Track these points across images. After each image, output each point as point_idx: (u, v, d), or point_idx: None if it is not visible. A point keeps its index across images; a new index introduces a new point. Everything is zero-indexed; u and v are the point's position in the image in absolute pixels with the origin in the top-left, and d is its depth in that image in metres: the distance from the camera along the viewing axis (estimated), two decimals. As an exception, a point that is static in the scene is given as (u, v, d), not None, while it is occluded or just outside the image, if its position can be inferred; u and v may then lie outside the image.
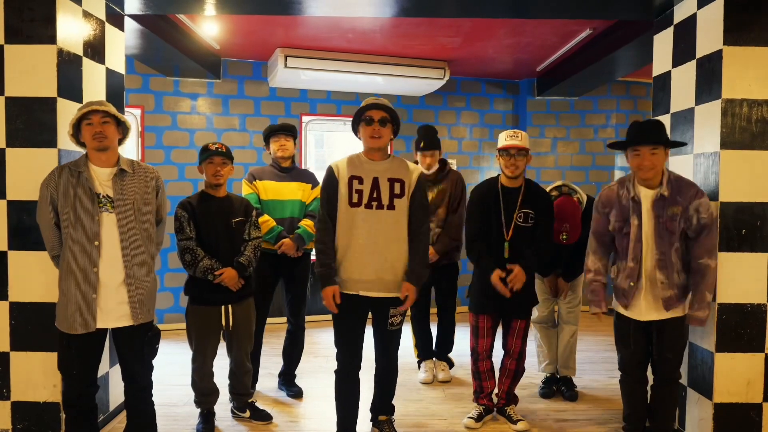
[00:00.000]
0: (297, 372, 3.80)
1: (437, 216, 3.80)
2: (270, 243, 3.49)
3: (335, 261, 2.71)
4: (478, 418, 3.24)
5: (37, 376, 2.86)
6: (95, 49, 3.14)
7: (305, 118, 5.82)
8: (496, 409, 3.35)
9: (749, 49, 2.76)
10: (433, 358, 4.07)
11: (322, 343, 4.91)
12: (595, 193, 5.01)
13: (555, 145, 6.30)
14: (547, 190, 3.37)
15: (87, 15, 3.06)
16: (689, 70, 3.02)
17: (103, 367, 3.05)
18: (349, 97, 5.85)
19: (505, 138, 3.10)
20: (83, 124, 2.46)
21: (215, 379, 3.15)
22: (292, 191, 3.58)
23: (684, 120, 3.06)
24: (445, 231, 3.79)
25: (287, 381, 3.76)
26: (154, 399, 2.70)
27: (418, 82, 5.57)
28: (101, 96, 3.19)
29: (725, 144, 2.77)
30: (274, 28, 4.60)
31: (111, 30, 3.31)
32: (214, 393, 3.15)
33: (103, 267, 2.45)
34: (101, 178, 2.49)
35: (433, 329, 4.09)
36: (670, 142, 2.68)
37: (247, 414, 3.27)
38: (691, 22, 3.01)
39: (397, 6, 3.47)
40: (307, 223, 3.52)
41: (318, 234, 2.75)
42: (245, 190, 3.57)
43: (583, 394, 3.75)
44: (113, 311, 2.47)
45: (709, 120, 2.86)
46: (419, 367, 4.09)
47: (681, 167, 3.04)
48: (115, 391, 3.24)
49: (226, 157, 3.00)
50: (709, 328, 2.83)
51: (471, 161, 6.30)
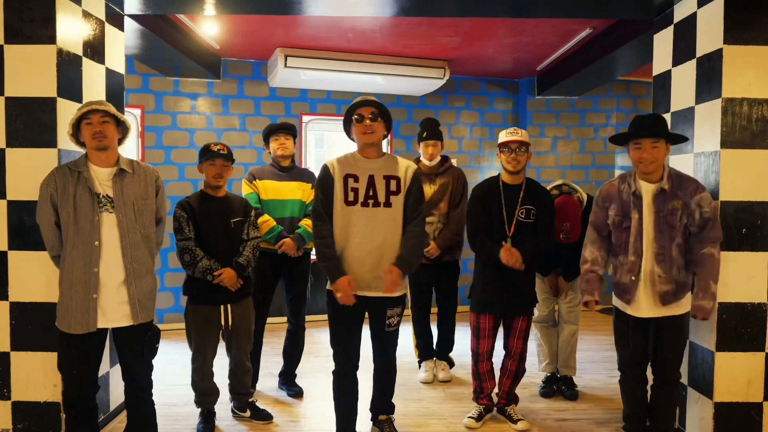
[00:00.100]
0: (297, 372, 3.80)
1: (439, 210, 3.81)
2: (270, 243, 3.48)
3: (337, 253, 2.66)
4: (479, 418, 3.24)
5: (38, 376, 2.86)
6: (95, 49, 3.14)
7: (305, 118, 5.82)
8: (496, 408, 3.35)
9: (749, 48, 2.76)
10: (434, 358, 4.07)
11: (323, 343, 4.91)
12: (596, 192, 5.01)
13: (555, 145, 6.30)
14: (547, 189, 3.37)
15: (87, 15, 3.06)
16: (689, 69, 3.02)
17: (104, 367, 3.05)
18: (349, 96, 5.84)
19: (505, 134, 3.13)
20: (83, 124, 2.46)
21: (215, 379, 3.16)
22: (292, 191, 3.58)
23: (684, 119, 3.05)
24: (446, 226, 3.80)
25: (287, 381, 3.76)
26: (154, 399, 2.70)
27: (418, 82, 5.57)
28: (101, 96, 3.19)
29: (725, 143, 2.77)
30: (274, 28, 4.60)
31: (111, 30, 3.31)
32: (214, 393, 3.16)
33: (104, 267, 2.45)
34: (101, 178, 2.49)
35: (433, 329, 4.09)
36: (672, 135, 2.68)
37: (247, 414, 3.28)
38: (691, 21, 3.01)
39: (396, 6, 3.47)
40: (307, 223, 3.52)
41: (315, 230, 2.70)
42: (245, 190, 3.56)
43: (583, 394, 3.75)
44: (113, 311, 2.47)
45: (709, 119, 2.86)
46: (419, 366, 4.09)
47: (681, 166, 3.03)
48: (116, 390, 3.24)
49: (228, 159, 3.01)
50: (709, 328, 2.83)
51: (471, 160, 6.29)
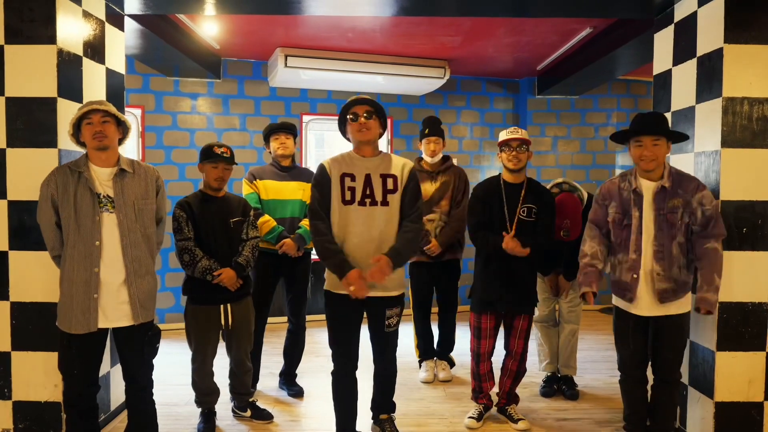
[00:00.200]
0: (298, 371, 3.81)
1: (440, 208, 3.81)
2: (271, 243, 3.48)
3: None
4: (479, 418, 3.25)
5: (38, 376, 2.86)
6: (95, 49, 3.14)
7: (305, 118, 5.82)
8: (497, 408, 3.35)
9: (750, 47, 2.75)
10: (434, 358, 4.07)
11: (323, 343, 4.87)
12: (596, 191, 5.00)
13: (555, 144, 6.29)
14: (547, 187, 3.38)
15: (87, 15, 3.06)
16: (690, 68, 3.02)
17: (104, 366, 3.05)
18: (350, 96, 5.83)
19: (506, 133, 3.15)
20: (83, 124, 2.46)
21: (216, 379, 3.16)
22: (292, 191, 3.58)
23: (685, 118, 3.05)
24: (448, 224, 3.80)
25: (288, 380, 3.76)
26: (155, 398, 2.70)
27: (419, 82, 5.57)
28: (101, 96, 3.19)
29: (726, 142, 2.77)
30: (274, 28, 4.60)
31: (111, 30, 3.31)
32: (215, 392, 3.16)
33: (104, 267, 2.45)
34: (101, 178, 2.49)
35: (434, 329, 4.09)
36: (672, 132, 2.68)
37: (248, 413, 3.28)
38: (691, 20, 3.01)
39: (397, 5, 3.46)
40: (307, 223, 3.52)
41: (314, 228, 2.64)
42: (245, 190, 3.56)
43: (584, 393, 3.74)
44: (114, 311, 2.47)
45: (709, 118, 2.85)
46: (420, 366, 4.09)
47: (682, 165, 3.03)
48: (117, 390, 3.25)
49: (230, 162, 3.02)
50: (710, 327, 2.82)
51: (472, 160, 6.29)
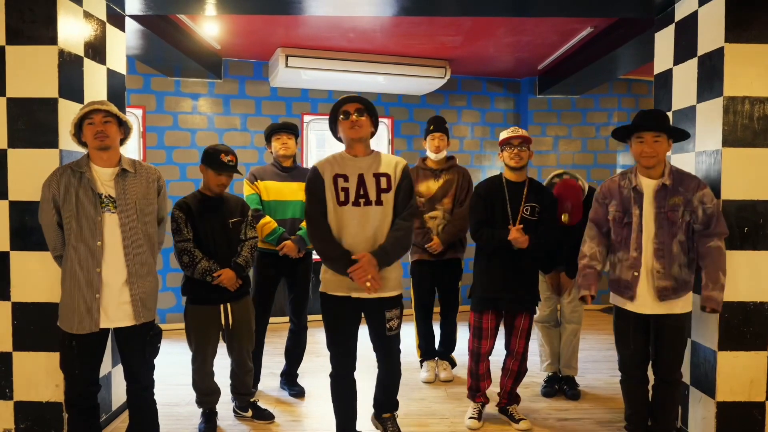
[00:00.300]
0: (299, 371, 3.81)
1: (443, 206, 3.83)
2: (272, 244, 3.49)
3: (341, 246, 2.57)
4: (479, 417, 3.24)
5: (40, 376, 2.86)
6: (96, 49, 3.14)
7: (306, 118, 5.82)
8: (498, 408, 3.35)
9: (751, 46, 2.75)
10: (435, 358, 4.07)
11: (325, 343, 4.88)
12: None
13: (556, 144, 6.29)
14: (548, 178, 3.41)
15: (88, 16, 3.06)
16: (691, 67, 3.01)
17: (106, 366, 3.06)
18: (351, 96, 5.85)
19: (507, 132, 3.17)
20: (85, 124, 2.47)
21: (217, 379, 3.16)
22: (293, 191, 3.58)
23: (686, 118, 3.05)
24: (450, 222, 3.80)
25: (289, 380, 3.76)
26: (156, 398, 2.70)
27: (419, 81, 5.57)
28: (102, 96, 3.19)
29: (727, 142, 2.77)
30: (274, 28, 4.60)
31: (112, 30, 3.31)
32: (216, 392, 3.16)
33: (106, 267, 2.45)
34: (103, 178, 2.49)
35: (435, 329, 4.09)
36: (673, 129, 2.68)
37: (249, 413, 3.28)
38: (692, 19, 3.01)
39: (397, 5, 3.46)
40: None
41: (312, 230, 2.61)
42: (247, 191, 3.56)
43: (585, 393, 3.74)
44: (116, 311, 2.48)
45: (710, 118, 2.85)
46: (421, 366, 4.09)
47: (683, 165, 3.02)
48: (118, 390, 3.25)
49: (235, 171, 3.02)
50: (711, 327, 2.82)
51: (473, 160, 6.29)
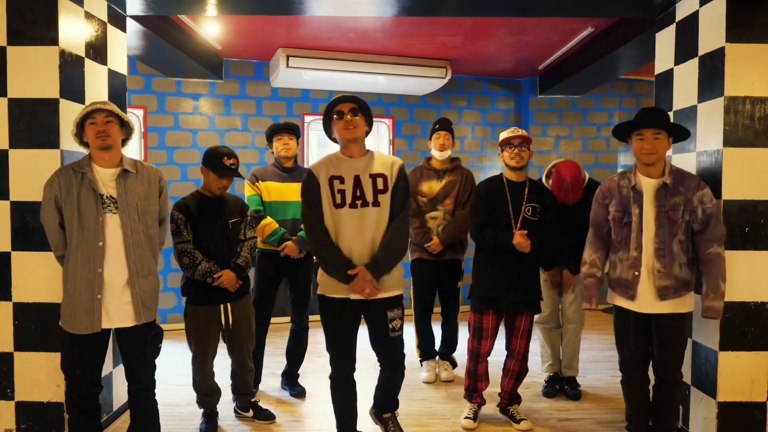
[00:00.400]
0: (300, 372, 3.81)
1: (444, 206, 3.83)
2: (273, 245, 3.49)
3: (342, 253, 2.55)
4: (475, 417, 3.24)
5: (41, 376, 2.87)
6: (97, 50, 3.14)
7: (307, 118, 5.82)
8: (499, 409, 3.35)
9: (752, 46, 2.75)
10: (436, 358, 4.08)
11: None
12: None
13: (557, 144, 6.28)
14: (546, 169, 3.44)
15: (89, 16, 3.06)
16: (691, 67, 3.01)
17: (107, 367, 3.06)
18: (351, 96, 5.85)
19: (507, 132, 3.17)
20: (87, 124, 2.47)
21: (218, 379, 3.16)
22: (294, 192, 3.57)
23: (686, 118, 3.05)
24: (451, 223, 3.80)
25: (290, 380, 3.77)
26: (157, 399, 2.71)
27: (420, 82, 5.57)
28: (103, 97, 3.19)
29: (728, 142, 2.76)
30: (275, 28, 4.60)
31: (113, 31, 3.32)
32: (216, 393, 3.16)
33: (108, 268, 2.45)
34: (105, 178, 2.49)
35: (435, 329, 4.08)
36: (673, 125, 2.68)
37: (250, 413, 3.28)
38: (693, 19, 3.01)
39: (398, 5, 3.46)
40: None
41: (310, 235, 2.59)
42: (248, 192, 3.57)
43: (586, 393, 3.74)
44: (117, 311, 2.48)
45: (711, 118, 2.85)
46: (421, 366, 4.09)
47: (684, 165, 3.02)
48: (119, 390, 3.25)
49: (238, 175, 3.02)
50: (712, 327, 2.82)
51: (473, 160, 6.29)
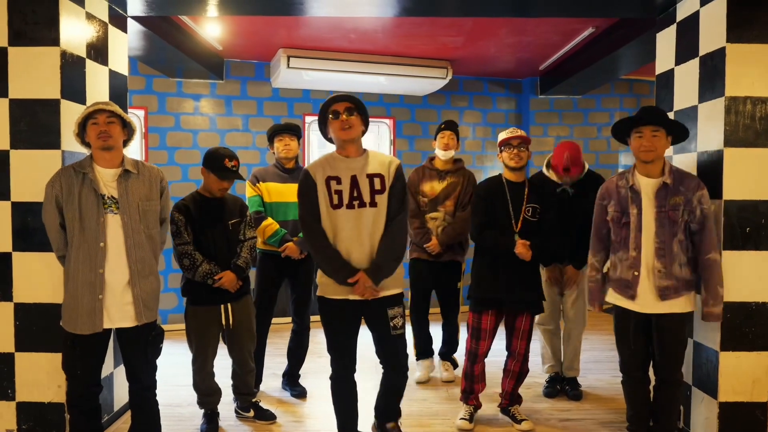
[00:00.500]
0: (301, 372, 3.81)
1: (445, 207, 3.82)
2: (274, 246, 3.49)
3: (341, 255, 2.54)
4: (471, 419, 3.23)
5: (42, 377, 2.87)
6: (98, 50, 3.15)
7: (308, 119, 5.82)
8: (500, 409, 3.34)
9: (752, 46, 2.74)
10: (432, 358, 4.06)
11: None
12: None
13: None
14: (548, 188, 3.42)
15: (90, 17, 3.07)
16: (692, 67, 3.01)
17: (108, 367, 3.06)
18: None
19: (506, 133, 3.16)
20: (89, 124, 2.47)
21: (218, 379, 3.16)
22: (295, 193, 3.56)
23: (687, 118, 3.04)
24: (451, 224, 3.80)
25: (291, 381, 3.77)
26: (158, 399, 2.71)
27: (421, 82, 5.57)
28: (104, 97, 3.19)
29: (729, 142, 2.76)
30: (276, 29, 4.60)
31: (114, 32, 3.32)
32: (217, 393, 3.16)
33: (109, 268, 2.46)
34: (106, 179, 2.49)
35: (436, 329, 4.08)
36: (671, 122, 2.68)
37: (251, 413, 3.28)
38: (693, 19, 3.00)
39: (398, 6, 3.47)
40: None
41: (308, 238, 2.57)
42: (249, 193, 3.57)
43: (587, 394, 3.74)
44: (118, 312, 2.48)
45: (712, 118, 2.85)
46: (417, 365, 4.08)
47: (685, 165, 3.02)
48: (120, 391, 3.26)
49: (239, 177, 3.02)
50: (713, 327, 2.81)
51: (474, 160, 6.29)
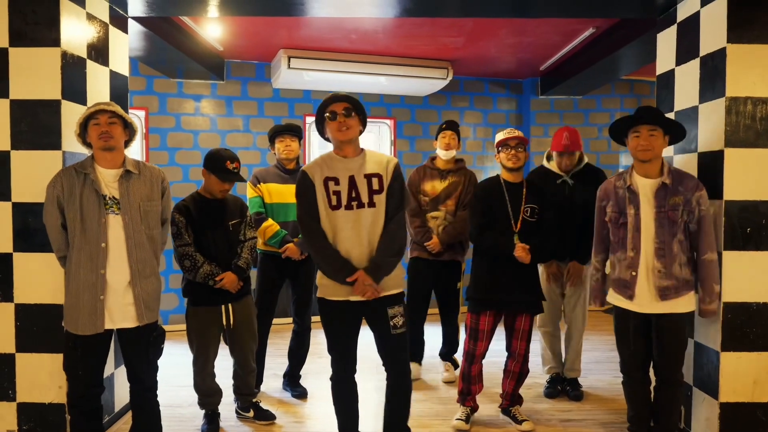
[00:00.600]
0: (302, 373, 3.81)
1: (446, 207, 3.82)
2: (274, 247, 3.50)
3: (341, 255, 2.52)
4: (467, 420, 3.22)
5: (43, 378, 2.87)
6: (99, 51, 3.15)
7: (309, 119, 5.82)
8: (501, 410, 3.34)
9: (753, 46, 2.74)
10: (419, 362, 4.04)
11: (327, 344, 4.90)
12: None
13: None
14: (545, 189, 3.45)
15: (90, 17, 3.07)
16: (693, 68, 3.01)
17: (109, 367, 3.06)
18: (353, 97, 5.85)
19: (503, 133, 3.17)
20: (90, 124, 2.47)
21: (219, 380, 3.16)
22: (296, 194, 3.59)
23: (688, 118, 3.04)
24: (452, 224, 3.80)
25: (292, 381, 3.77)
26: (159, 400, 2.71)
27: (422, 82, 5.57)
28: (105, 98, 3.20)
29: (729, 142, 2.76)
30: (277, 30, 4.60)
31: (114, 32, 3.32)
32: (217, 393, 3.16)
33: (110, 269, 2.46)
34: (107, 179, 2.49)
35: (436, 330, 4.07)
36: (668, 121, 2.69)
37: (250, 414, 3.28)
38: (694, 19, 3.00)
39: (399, 6, 3.47)
40: None
41: (308, 239, 2.54)
42: (250, 193, 3.58)
43: (588, 394, 3.73)
44: (119, 312, 2.48)
45: (713, 118, 2.85)
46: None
47: (686, 165, 3.02)
48: (121, 391, 3.26)
49: (240, 179, 3.02)
50: (714, 328, 2.82)
51: (475, 161, 6.29)
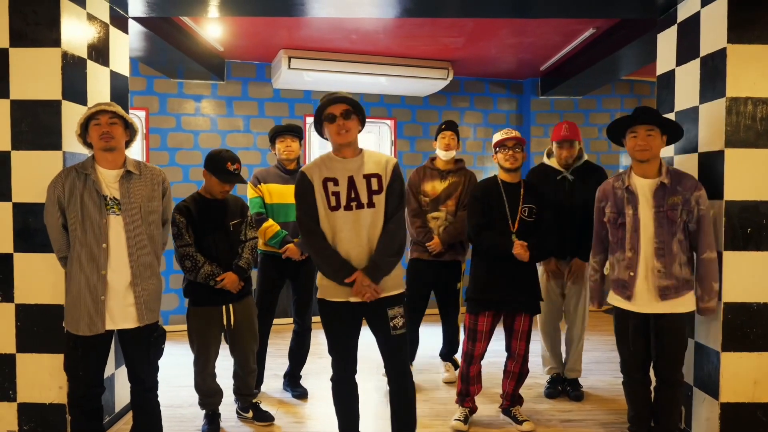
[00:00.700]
0: (302, 373, 3.81)
1: (447, 207, 3.82)
2: (275, 247, 3.50)
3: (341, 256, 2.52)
4: (465, 420, 3.22)
5: (44, 378, 2.87)
6: (99, 51, 3.15)
7: (309, 119, 5.82)
8: (501, 410, 3.34)
9: (753, 47, 2.75)
10: (412, 361, 4.03)
11: (327, 344, 4.90)
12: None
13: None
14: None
15: (91, 18, 3.07)
16: (693, 68, 3.01)
17: (109, 368, 3.06)
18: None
19: (501, 134, 3.17)
20: (91, 125, 2.47)
21: (220, 380, 3.16)
22: (296, 194, 3.59)
23: (688, 118, 3.04)
24: (453, 224, 3.80)
25: (292, 382, 3.77)
26: (159, 400, 2.71)
27: (422, 83, 5.57)
28: (105, 98, 3.20)
29: (730, 142, 2.76)
30: (277, 30, 4.61)
31: (115, 32, 3.33)
32: (218, 394, 3.16)
33: (111, 269, 2.46)
34: (108, 180, 2.49)
35: (435, 331, 4.08)
36: (665, 121, 2.69)
37: (250, 414, 3.28)
38: (694, 20, 3.00)
39: (400, 6, 3.47)
40: None
41: (307, 240, 2.53)
42: (250, 194, 3.58)
43: (588, 394, 3.73)
44: (120, 313, 2.48)
45: (713, 118, 2.85)
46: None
47: (686, 166, 3.02)
48: (121, 392, 3.26)
49: (240, 180, 3.02)
50: (715, 328, 2.82)
51: (475, 161, 6.29)
